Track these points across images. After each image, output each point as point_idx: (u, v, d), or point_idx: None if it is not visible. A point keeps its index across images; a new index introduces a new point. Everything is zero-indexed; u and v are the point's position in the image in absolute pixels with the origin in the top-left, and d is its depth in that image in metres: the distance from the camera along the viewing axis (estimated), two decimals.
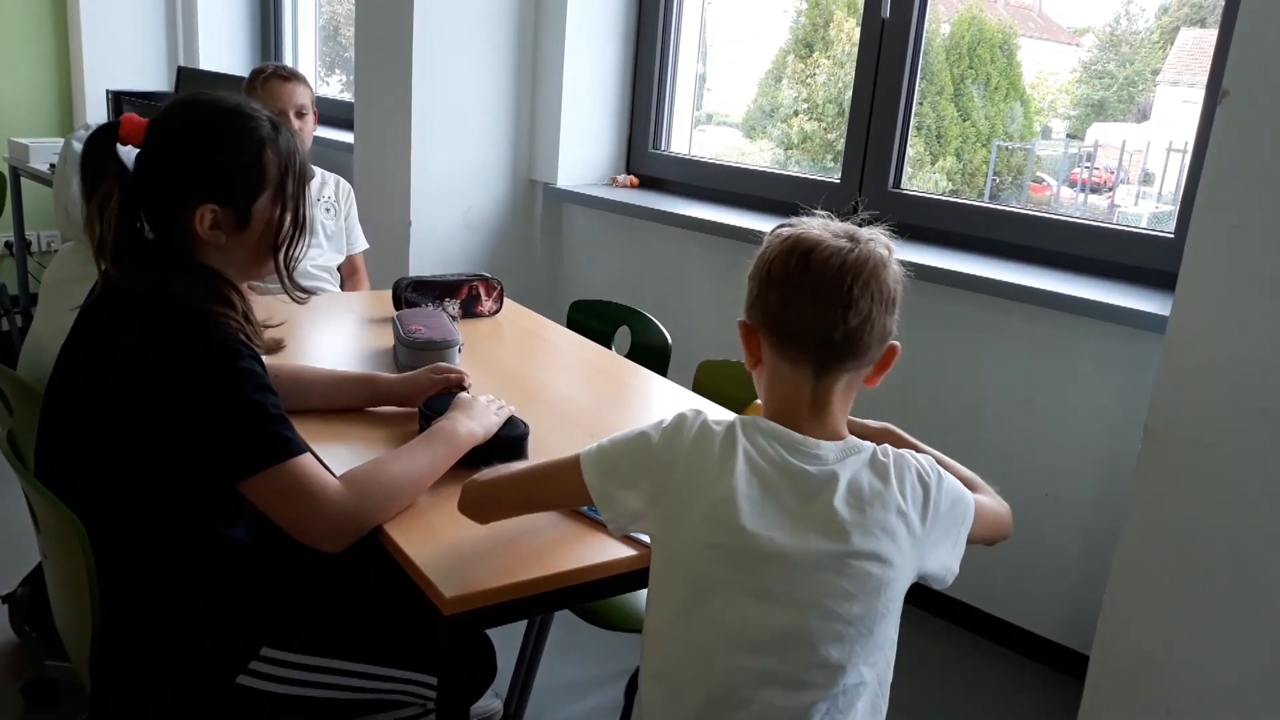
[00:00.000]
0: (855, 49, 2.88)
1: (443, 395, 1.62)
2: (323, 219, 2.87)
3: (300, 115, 2.75)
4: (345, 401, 1.70)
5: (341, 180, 2.97)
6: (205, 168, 1.34)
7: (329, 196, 2.90)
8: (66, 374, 1.37)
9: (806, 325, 1.13)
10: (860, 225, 1.18)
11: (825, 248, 1.13)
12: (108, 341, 1.31)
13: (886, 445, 1.19)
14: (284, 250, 1.41)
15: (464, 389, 1.64)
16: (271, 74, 2.74)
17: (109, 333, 1.32)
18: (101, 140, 1.35)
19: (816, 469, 1.13)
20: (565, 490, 1.23)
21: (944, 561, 1.18)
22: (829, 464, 1.13)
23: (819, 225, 1.17)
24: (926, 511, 1.15)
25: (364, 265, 3.04)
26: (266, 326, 1.42)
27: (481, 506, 1.28)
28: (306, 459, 1.31)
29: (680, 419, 1.18)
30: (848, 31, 3.26)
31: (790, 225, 1.19)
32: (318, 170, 2.91)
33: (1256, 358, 1.68)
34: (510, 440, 1.53)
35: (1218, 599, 1.78)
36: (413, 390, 1.68)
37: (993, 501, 1.29)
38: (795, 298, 1.14)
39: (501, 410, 1.56)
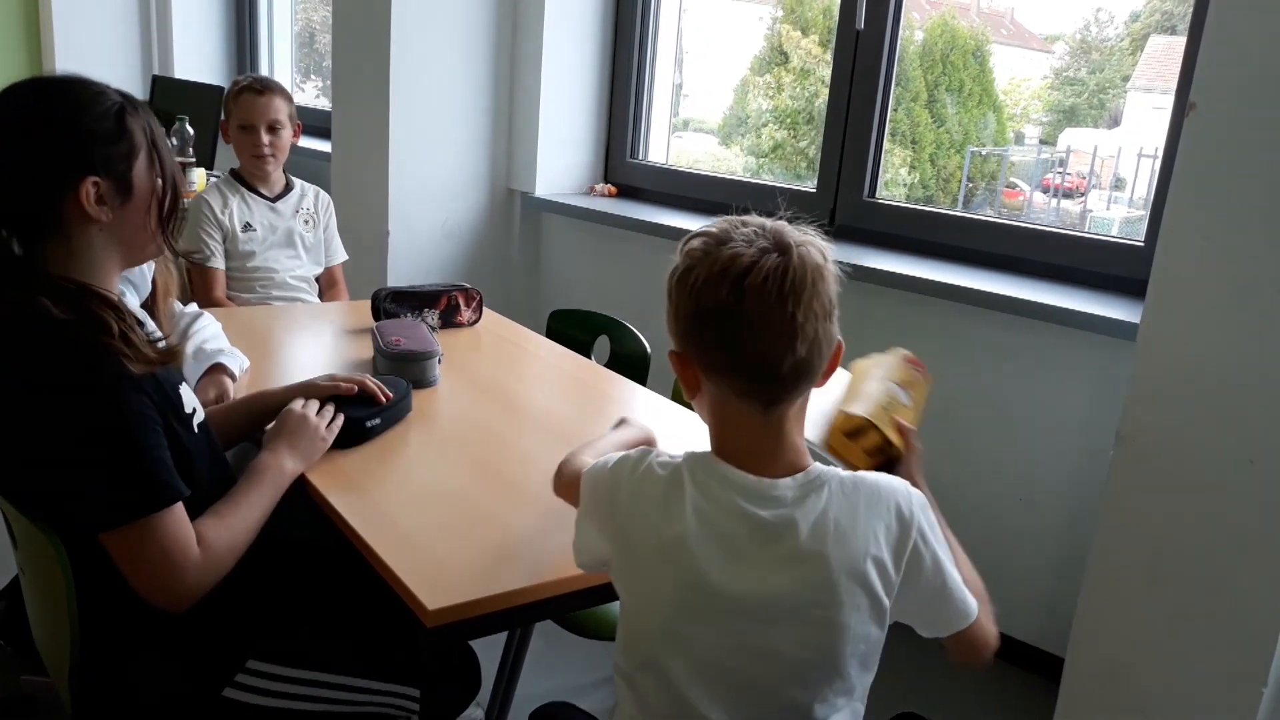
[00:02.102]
0: (813, 62, 2.90)
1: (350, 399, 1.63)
2: (302, 231, 2.85)
3: (273, 130, 2.69)
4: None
5: (321, 192, 2.96)
6: (72, 138, 1.25)
7: (308, 208, 2.88)
8: None
9: (749, 361, 1.02)
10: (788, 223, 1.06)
11: (758, 270, 0.99)
12: None
13: (860, 473, 1.09)
14: (170, 222, 1.35)
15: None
16: (245, 87, 2.69)
17: None
18: None
19: (773, 513, 1.04)
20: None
21: (923, 614, 1.11)
22: (787, 505, 1.04)
23: (739, 234, 1.03)
24: (902, 555, 1.06)
25: (343, 276, 3.03)
26: (153, 341, 1.33)
27: (559, 485, 1.34)
28: (178, 513, 1.25)
29: (624, 458, 1.12)
30: (804, 46, 3.30)
31: (705, 235, 1.05)
32: (297, 181, 2.89)
33: (1226, 364, 1.71)
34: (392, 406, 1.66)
35: (1190, 601, 1.80)
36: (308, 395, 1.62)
37: (987, 621, 1.14)
38: (733, 333, 1.01)
39: (331, 425, 1.55)
